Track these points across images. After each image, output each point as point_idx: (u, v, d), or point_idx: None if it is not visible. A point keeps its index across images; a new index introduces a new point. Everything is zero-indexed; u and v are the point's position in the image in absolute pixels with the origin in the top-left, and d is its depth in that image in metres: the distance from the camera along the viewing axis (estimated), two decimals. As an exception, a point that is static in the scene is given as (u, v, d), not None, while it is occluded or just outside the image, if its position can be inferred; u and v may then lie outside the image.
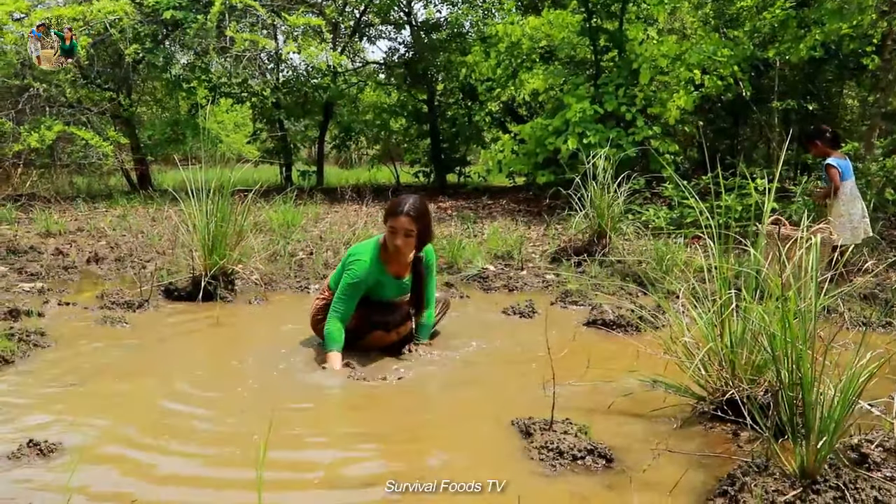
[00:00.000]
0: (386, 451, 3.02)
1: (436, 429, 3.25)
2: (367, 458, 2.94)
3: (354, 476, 2.75)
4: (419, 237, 4.04)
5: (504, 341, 4.63)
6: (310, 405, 3.51)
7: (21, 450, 2.87)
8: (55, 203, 11.98)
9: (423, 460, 2.92)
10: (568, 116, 10.25)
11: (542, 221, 9.65)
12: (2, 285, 6.08)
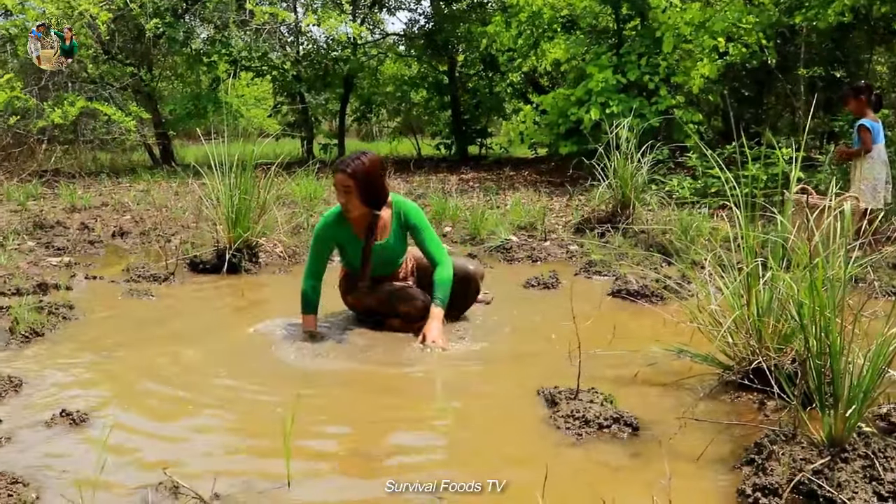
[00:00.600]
0: (412, 420, 3.04)
1: (461, 398, 3.26)
2: (393, 427, 2.96)
3: (380, 444, 2.78)
4: (360, 194, 3.90)
5: (528, 312, 4.63)
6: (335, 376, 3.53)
7: (54, 419, 2.92)
8: (79, 178, 12.07)
9: (449, 429, 2.94)
10: (590, 86, 10.17)
11: (564, 192, 9.60)
12: (30, 259, 6.15)
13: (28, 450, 2.70)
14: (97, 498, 2.23)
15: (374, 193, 3.96)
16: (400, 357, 3.72)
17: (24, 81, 12.61)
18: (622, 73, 10.32)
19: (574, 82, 11.21)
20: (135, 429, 2.90)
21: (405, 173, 12.04)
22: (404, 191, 9.96)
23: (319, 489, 2.41)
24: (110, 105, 13.20)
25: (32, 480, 2.43)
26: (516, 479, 2.47)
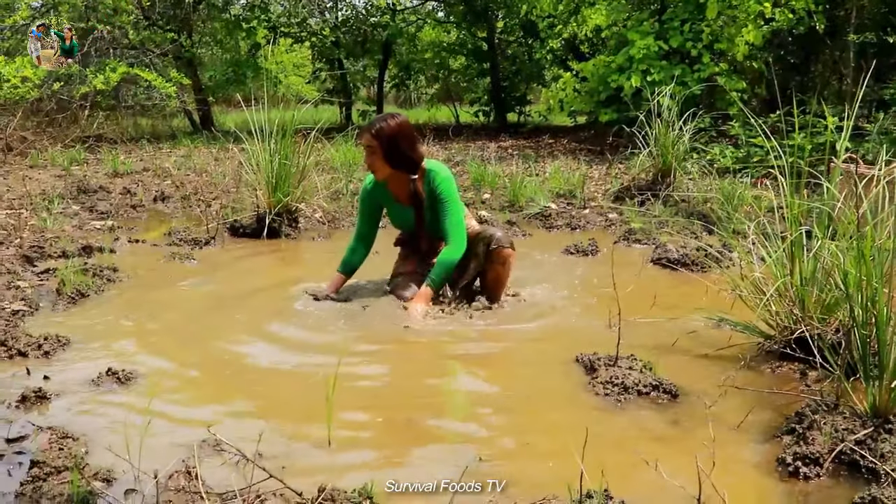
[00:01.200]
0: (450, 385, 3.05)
1: (499, 364, 3.27)
2: (432, 393, 2.98)
3: (420, 409, 2.80)
4: (384, 155, 3.83)
5: (567, 279, 4.62)
6: (377, 341, 3.56)
7: (101, 377, 2.99)
8: (121, 144, 12.20)
9: (487, 395, 2.95)
10: (631, 53, 10.01)
11: (604, 160, 9.52)
12: (75, 223, 6.25)
13: (76, 406, 2.77)
14: (143, 453, 2.28)
15: (400, 156, 3.86)
16: (440, 324, 3.74)
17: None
18: (664, 40, 10.14)
19: (615, 49, 11.05)
20: (178, 388, 2.96)
21: (444, 140, 11.99)
22: (443, 157, 9.94)
23: (360, 451, 2.44)
24: (151, 71, 13.29)
25: (81, 435, 2.49)
26: (555, 444, 2.49)
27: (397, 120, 3.88)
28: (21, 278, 4.49)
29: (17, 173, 9.16)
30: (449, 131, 13.26)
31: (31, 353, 3.27)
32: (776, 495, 2.17)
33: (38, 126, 12.01)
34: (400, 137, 3.82)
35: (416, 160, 3.91)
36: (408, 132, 3.88)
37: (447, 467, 2.29)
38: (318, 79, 18.04)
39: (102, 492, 2.11)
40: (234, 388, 3.00)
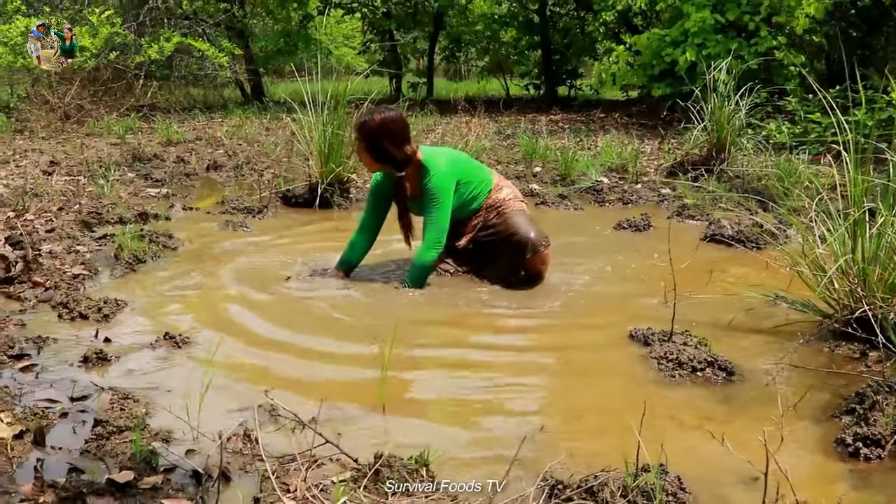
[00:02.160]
0: (505, 359, 3.05)
1: (553, 337, 3.25)
2: (486, 366, 2.98)
3: (474, 380, 2.81)
4: (368, 151, 3.78)
5: (620, 253, 4.59)
6: (433, 312, 3.57)
7: (158, 341, 3.04)
8: (174, 113, 12.35)
9: (541, 368, 2.94)
10: (687, 26, 9.83)
11: (656, 135, 9.39)
12: (130, 190, 6.35)
13: (135, 369, 2.83)
14: (202, 416, 2.32)
15: (383, 153, 3.75)
16: (494, 298, 3.73)
17: (123, 18, 12.91)
18: (721, 13, 9.92)
19: (670, 22, 10.86)
20: (234, 354, 2.99)
21: (494, 113, 11.92)
22: (493, 130, 9.88)
23: (413, 420, 2.46)
24: (204, 41, 13.41)
25: (141, 397, 2.54)
26: (610, 417, 2.48)
27: (383, 116, 3.77)
28: (80, 243, 4.59)
29: (75, 141, 9.33)
30: (500, 104, 13.16)
31: (92, 316, 3.34)
32: (837, 475, 2.14)
33: (94, 95, 12.20)
34: (383, 134, 3.72)
35: (398, 158, 3.78)
36: (393, 129, 3.75)
37: (503, 438, 2.30)
38: (369, 50, 18.02)
39: (163, 452, 2.15)
40: (289, 355, 3.03)
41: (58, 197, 5.80)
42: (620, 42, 12.08)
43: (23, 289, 3.69)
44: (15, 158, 7.92)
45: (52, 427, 2.34)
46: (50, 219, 5.10)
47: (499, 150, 8.40)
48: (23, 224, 4.80)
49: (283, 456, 2.13)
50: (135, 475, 1.98)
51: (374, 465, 1.99)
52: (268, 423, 2.36)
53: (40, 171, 7.08)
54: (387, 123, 3.74)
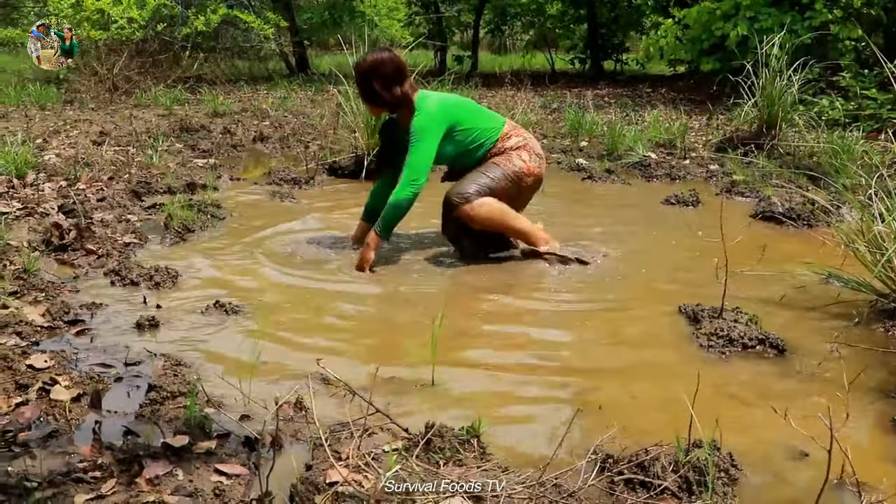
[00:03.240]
0: (552, 334, 3.04)
1: (602, 311, 3.23)
2: (534, 343, 2.97)
3: (522, 353, 2.81)
4: (360, 92, 3.86)
5: (668, 229, 4.54)
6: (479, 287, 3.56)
7: (209, 309, 3.08)
8: (220, 85, 12.42)
9: (591, 342, 2.92)
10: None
11: (704, 110, 9.23)
12: (178, 160, 6.42)
13: (187, 336, 2.87)
14: (252, 383, 2.35)
15: (371, 93, 3.74)
16: (541, 272, 3.72)
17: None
18: (774, -15, 9.69)
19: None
20: (283, 322, 3.02)
21: (540, 87, 11.80)
22: (539, 104, 9.79)
23: (463, 392, 2.46)
24: (250, 13, 13.44)
25: (193, 363, 2.58)
26: (660, 393, 2.46)
27: (375, 57, 3.75)
28: (131, 212, 4.65)
29: (124, 112, 9.44)
30: (546, 78, 13.04)
31: (143, 284, 3.39)
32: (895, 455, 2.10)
33: (141, 66, 12.30)
34: (373, 74, 3.69)
35: (387, 100, 3.75)
36: (384, 70, 3.69)
37: (553, 412, 2.30)
38: (413, 23, 17.93)
39: (215, 418, 2.18)
40: (338, 324, 3.06)
41: (108, 167, 5.87)
42: (668, 16, 11.87)
43: (76, 256, 3.76)
44: (66, 129, 8.04)
45: (108, 391, 2.39)
46: (101, 188, 5.18)
47: (545, 124, 8.33)
48: (75, 193, 4.88)
49: (334, 424, 2.15)
50: (189, 440, 2.02)
51: (425, 435, 2.00)
52: (318, 392, 2.38)
53: (90, 141, 7.18)
54: (378, 63, 3.70)
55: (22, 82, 12.00)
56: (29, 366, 2.49)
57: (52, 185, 5.16)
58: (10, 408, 2.22)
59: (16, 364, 2.47)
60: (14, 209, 4.49)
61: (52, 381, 2.38)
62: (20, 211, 4.48)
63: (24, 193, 4.88)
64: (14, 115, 8.99)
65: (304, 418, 2.21)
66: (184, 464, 1.94)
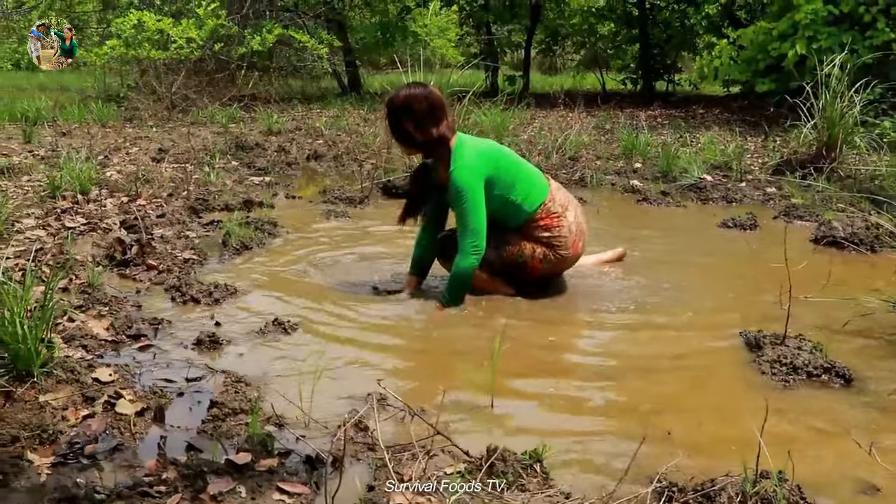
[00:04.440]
0: (615, 357, 3.01)
1: (662, 337, 3.19)
2: (594, 371, 2.94)
3: (581, 380, 2.78)
4: (391, 131, 3.47)
5: (726, 253, 4.49)
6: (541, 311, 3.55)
7: (267, 326, 3.11)
8: (274, 104, 12.61)
9: (651, 368, 2.88)
10: (797, 18, 9.47)
11: (760, 132, 9.11)
12: (235, 178, 6.52)
13: (246, 353, 2.89)
14: (313, 402, 2.36)
15: (403, 133, 3.41)
16: (600, 297, 3.68)
17: (227, 10, 13.24)
18: (834, 4, 9.53)
19: (777, 15, 10.49)
20: (341, 341, 3.04)
21: (591, 108, 11.77)
22: (592, 125, 9.76)
23: (523, 416, 2.44)
24: (304, 33, 13.64)
25: (253, 381, 2.60)
26: (724, 421, 2.42)
27: (409, 92, 3.40)
28: (189, 228, 4.73)
29: (181, 129, 9.62)
30: (597, 99, 12.99)
31: (203, 300, 3.44)
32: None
33: (198, 85, 12.56)
34: (406, 112, 3.36)
35: (420, 141, 3.41)
36: (418, 108, 3.35)
37: (616, 439, 2.27)
38: (464, 43, 18.01)
39: (277, 436, 2.19)
40: (396, 346, 3.06)
41: (167, 183, 5.99)
42: (722, 36, 11.77)
43: (137, 271, 3.83)
44: (126, 146, 8.21)
45: (170, 406, 2.42)
46: (160, 204, 5.28)
47: (598, 146, 8.29)
48: (136, 209, 4.98)
49: (394, 445, 2.15)
50: (252, 457, 2.03)
51: (488, 459, 1.98)
52: (378, 412, 2.38)
53: (149, 158, 7.33)
54: (412, 100, 3.36)
55: (84, 100, 12.31)
56: (95, 379, 2.53)
57: (113, 201, 5.27)
58: (78, 420, 2.26)
59: (83, 377, 2.51)
60: (79, 224, 4.59)
61: (116, 394, 2.42)
62: (84, 226, 4.58)
63: (88, 209, 5.00)
64: (77, 133, 9.22)
65: (364, 438, 2.20)
66: (247, 481, 1.95)
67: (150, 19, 11.92)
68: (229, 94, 12.37)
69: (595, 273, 4.03)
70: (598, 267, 4.11)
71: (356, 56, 15.83)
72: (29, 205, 5.10)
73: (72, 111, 10.81)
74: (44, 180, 5.73)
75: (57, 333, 2.81)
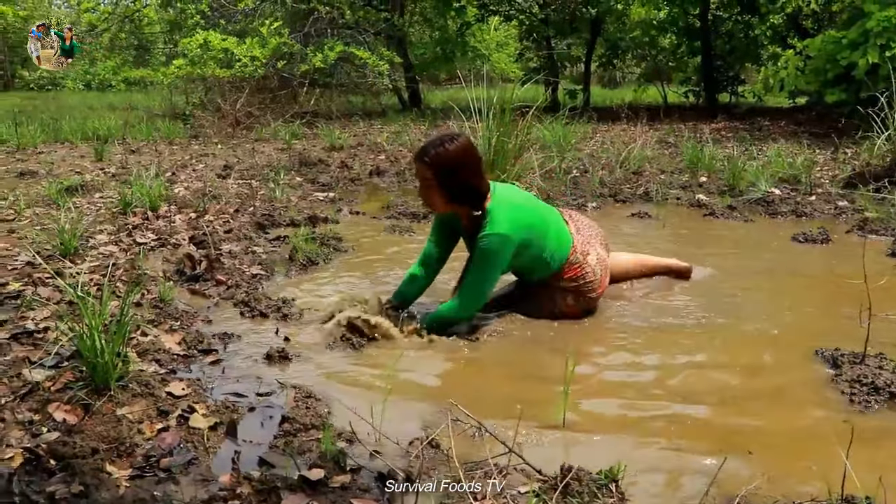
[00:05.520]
0: (687, 376, 2.94)
1: (734, 354, 3.11)
2: (666, 388, 2.88)
3: (656, 400, 2.72)
4: (442, 188, 3.20)
5: (798, 268, 4.36)
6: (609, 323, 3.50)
7: (336, 342, 3.13)
8: (335, 120, 12.76)
9: (725, 386, 2.81)
10: (868, 27, 9.25)
11: (829, 144, 8.90)
12: (299, 193, 6.59)
13: (316, 368, 2.91)
14: (383, 417, 2.35)
15: (462, 189, 3.20)
16: (669, 314, 3.62)
17: (290, 28, 13.48)
18: (908, 11, 9.29)
19: (847, 23, 10.27)
20: (411, 357, 3.03)
21: (653, 121, 11.65)
22: (655, 138, 9.65)
23: (595, 436, 2.39)
24: (365, 49, 13.80)
25: (324, 396, 2.61)
26: (803, 442, 2.34)
27: (458, 143, 3.18)
28: (256, 244, 4.79)
29: (245, 146, 9.80)
30: (659, 112, 12.86)
31: (272, 315, 3.47)
32: None
33: (261, 102, 12.79)
34: (459, 166, 3.16)
35: (481, 191, 3.25)
36: (471, 158, 3.22)
37: (691, 460, 2.21)
38: (523, 58, 18.02)
39: (348, 452, 2.19)
40: (466, 362, 3.04)
41: (233, 199, 6.08)
42: (788, 46, 11.57)
43: (207, 286, 3.88)
44: (192, 162, 8.39)
45: (241, 420, 2.43)
46: (227, 220, 5.36)
47: (661, 159, 8.19)
48: (204, 224, 5.06)
49: (467, 462, 2.13)
50: (325, 473, 2.03)
51: (562, 478, 1.95)
52: (449, 429, 2.36)
53: (215, 174, 7.47)
54: (464, 152, 3.19)
55: (152, 118, 12.62)
56: (168, 393, 2.57)
57: (182, 217, 5.37)
58: (153, 433, 2.29)
59: (156, 391, 2.55)
60: (149, 240, 4.69)
61: (190, 408, 2.45)
62: (154, 242, 4.67)
63: (158, 225, 5.10)
64: (145, 150, 9.46)
65: (436, 455, 2.19)
66: (320, 497, 1.95)
67: (216, 39, 12.20)
68: (292, 111, 12.57)
69: (663, 287, 3.96)
70: (666, 280, 4.04)
71: (416, 72, 15.94)
72: (101, 221, 5.23)
73: (140, 129, 11.10)
74: (115, 197, 5.88)
75: (131, 348, 2.86)
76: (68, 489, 1.96)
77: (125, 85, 26.88)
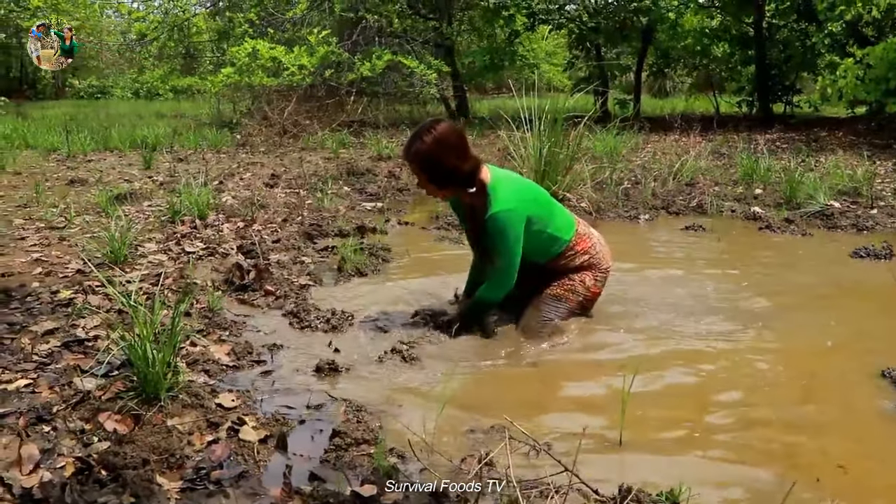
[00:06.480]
0: (749, 394, 2.83)
1: (797, 373, 3.00)
2: (727, 401, 2.78)
3: (712, 417, 2.63)
4: (430, 178, 3.25)
5: (860, 284, 4.21)
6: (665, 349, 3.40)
7: (386, 354, 3.07)
8: (382, 129, 12.76)
9: (789, 407, 2.69)
10: (930, 36, 9.01)
11: (890, 155, 8.65)
12: (347, 203, 6.58)
13: (366, 381, 2.85)
14: (435, 433, 2.29)
15: (448, 174, 3.21)
16: (726, 328, 3.51)
17: (338, 37, 13.54)
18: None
19: (908, 32, 10.02)
20: (463, 372, 2.96)
21: (706, 131, 11.46)
22: (708, 149, 9.47)
23: (652, 455, 2.31)
24: (413, 58, 13.80)
25: (374, 410, 2.56)
26: (874, 463, 2.24)
27: (434, 133, 3.19)
28: (304, 254, 4.76)
29: (292, 155, 9.84)
30: (712, 122, 12.65)
31: (320, 326, 3.43)
32: None
33: (308, 111, 12.85)
34: (440, 153, 3.17)
35: (467, 172, 3.24)
36: (451, 142, 3.20)
37: (754, 479, 2.12)
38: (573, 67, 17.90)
39: (400, 467, 2.13)
40: (519, 376, 2.97)
41: (281, 209, 6.08)
42: (847, 55, 11.29)
43: (256, 296, 3.86)
44: (239, 171, 8.44)
45: (291, 433, 2.39)
46: (275, 230, 5.35)
47: (715, 171, 8.02)
48: (253, 234, 5.06)
49: (522, 481, 2.06)
50: (377, 490, 1.97)
51: (622, 499, 1.87)
52: (507, 449, 2.29)
53: (263, 183, 7.49)
54: (441, 139, 3.18)
55: (199, 127, 12.76)
56: (218, 404, 2.54)
57: (230, 226, 5.38)
58: (203, 445, 2.25)
59: (206, 402, 2.52)
60: (198, 249, 4.69)
61: (240, 420, 2.41)
62: (203, 251, 4.67)
63: (206, 234, 5.11)
64: (192, 158, 9.54)
65: (490, 472, 2.12)
66: (371, 515, 1.90)
67: (264, 47, 12.29)
68: (339, 120, 12.61)
69: (724, 301, 3.85)
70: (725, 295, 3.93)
71: (464, 81, 15.91)
72: (150, 229, 5.26)
73: (188, 137, 11.21)
74: (163, 205, 5.91)
75: (181, 358, 2.84)
76: (119, 500, 1.93)
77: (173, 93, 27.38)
